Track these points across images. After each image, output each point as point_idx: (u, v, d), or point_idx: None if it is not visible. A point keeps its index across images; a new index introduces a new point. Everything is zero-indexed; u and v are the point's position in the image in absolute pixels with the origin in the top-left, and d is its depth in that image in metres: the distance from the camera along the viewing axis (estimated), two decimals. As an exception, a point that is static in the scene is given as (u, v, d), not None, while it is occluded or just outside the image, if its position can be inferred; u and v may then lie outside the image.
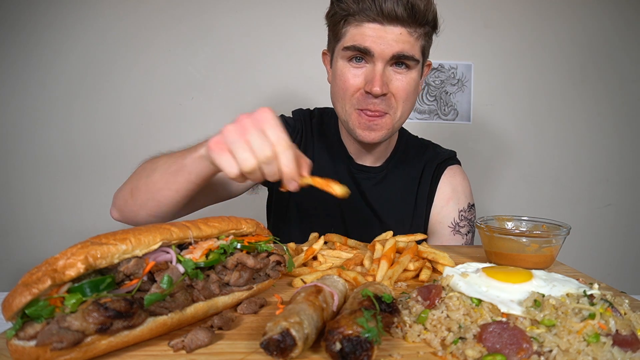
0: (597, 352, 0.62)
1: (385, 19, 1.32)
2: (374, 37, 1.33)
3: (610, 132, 2.98)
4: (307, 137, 1.69)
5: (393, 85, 1.39)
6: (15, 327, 0.60)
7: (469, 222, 1.64)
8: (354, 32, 1.36)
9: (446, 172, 1.66)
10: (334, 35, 1.45)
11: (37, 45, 2.71)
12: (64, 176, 2.80)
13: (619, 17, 2.91)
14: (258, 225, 0.96)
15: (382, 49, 1.34)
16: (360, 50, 1.35)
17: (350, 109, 1.44)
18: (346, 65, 1.41)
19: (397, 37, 1.34)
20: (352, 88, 1.41)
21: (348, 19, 1.37)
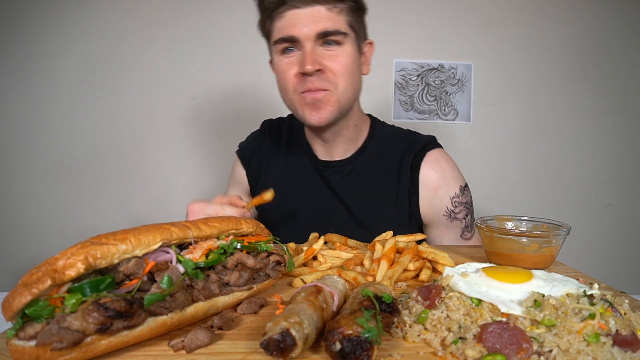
0: (597, 352, 0.62)
1: (301, 2, 1.37)
2: (295, 23, 1.38)
3: (610, 132, 2.98)
4: (274, 146, 1.77)
5: (327, 61, 1.41)
6: (15, 327, 0.60)
7: (465, 205, 1.59)
8: (279, 25, 1.42)
9: (426, 159, 1.58)
10: (266, 37, 1.52)
11: (37, 45, 2.71)
12: (64, 176, 2.80)
13: (619, 16, 2.91)
14: (258, 225, 0.96)
15: (305, 31, 1.38)
16: (286, 39, 1.40)
17: (294, 96, 1.47)
18: (280, 58, 1.46)
19: (317, 16, 1.38)
20: (289, 76, 1.45)
21: (271, 15, 1.44)
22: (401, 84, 2.89)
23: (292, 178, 1.68)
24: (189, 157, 2.87)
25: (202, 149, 2.86)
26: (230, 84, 2.82)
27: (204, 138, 2.85)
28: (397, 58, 2.87)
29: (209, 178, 2.86)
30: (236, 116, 2.83)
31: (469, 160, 2.93)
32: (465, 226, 1.58)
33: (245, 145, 1.84)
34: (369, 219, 1.57)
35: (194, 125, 2.85)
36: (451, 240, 1.58)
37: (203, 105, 2.83)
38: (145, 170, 2.84)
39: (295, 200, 1.65)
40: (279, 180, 1.68)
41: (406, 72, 2.89)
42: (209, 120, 2.85)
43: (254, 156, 1.79)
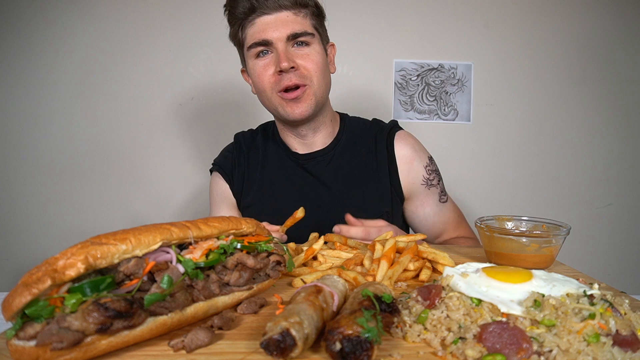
0: (597, 352, 0.62)
1: (272, 10, 1.52)
2: (266, 27, 1.52)
3: (610, 132, 2.98)
4: (252, 155, 1.85)
5: (299, 60, 1.55)
6: (15, 327, 0.60)
7: (435, 172, 1.78)
8: (251, 31, 1.55)
9: (396, 137, 1.76)
10: (238, 45, 1.64)
11: (37, 45, 2.72)
12: (64, 176, 2.80)
13: (620, 16, 2.91)
14: (258, 225, 0.96)
15: (277, 34, 1.51)
16: (260, 43, 1.53)
17: (272, 95, 1.58)
18: (255, 62, 1.58)
19: (286, 20, 1.52)
20: (266, 77, 1.56)
21: (243, 24, 1.57)
22: (401, 84, 2.89)
23: (276, 179, 1.79)
24: (189, 157, 2.87)
25: (202, 148, 2.86)
26: (230, 84, 2.82)
27: (204, 137, 2.85)
28: (397, 58, 2.87)
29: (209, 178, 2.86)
30: (236, 116, 2.83)
31: (469, 160, 2.93)
32: (440, 191, 1.77)
33: (223, 161, 1.87)
34: (354, 198, 1.70)
35: (194, 125, 2.85)
36: (432, 207, 1.74)
37: (203, 105, 2.83)
38: (145, 170, 2.84)
39: (283, 199, 1.75)
40: (264, 185, 1.79)
41: (406, 72, 2.89)
42: (209, 120, 2.85)
43: (235, 169, 1.84)
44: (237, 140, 1.92)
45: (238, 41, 1.63)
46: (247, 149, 1.86)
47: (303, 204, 1.62)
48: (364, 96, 2.81)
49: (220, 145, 2.15)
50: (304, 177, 1.75)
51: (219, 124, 2.85)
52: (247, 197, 1.81)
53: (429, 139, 2.79)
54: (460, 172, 2.90)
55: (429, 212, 1.74)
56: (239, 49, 1.67)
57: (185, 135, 2.85)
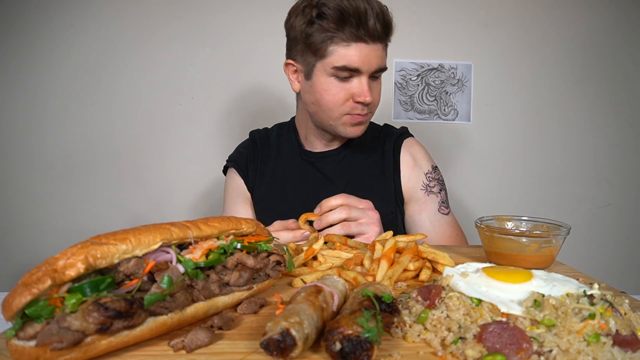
0: (597, 352, 0.62)
1: (369, 37, 1.47)
2: (362, 57, 1.48)
3: (610, 132, 2.98)
4: (266, 152, 1.89)
5: (374, 94, 1.60)
6: (15, 327, 0.60)
7: (438, 181, 1.79)
8: (343, 52, 1.48)
9: (404, 144, 1.82)
10: (313, 51, 1.53)
11: (35, 45, 2.71)
12: (64, 176, 2.80)
13: (620, 16, 2.91)
14: (258, 225, 0.96)
15: (369, 67, 1.51)
16: (351, 69, 1.50)
17: (339, 115, 1.60)
18: (332, 81, 1.54)
19: (377, 53, 1.52)
20: (341, 101, 1.56)
21: (334, 38, 1.47)
22: (401, 84, 2.89)
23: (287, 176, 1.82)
24: (189, 157, 2.87)
25: (202, 148, 2.86)
26: (231, 83, 2.82)
27: (204, 138, 2.85)
28: (397, 58, 2.87)
29: (209, 178, 2.86)
30: (236, 116, 2.83)
31: (469, 160, 2.93)
32: (441, 201, 1.76)
33: (238, 157, 1.90)
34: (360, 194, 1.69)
35: (194, 125, 2.85)
36: (429, 214, 1.74)
37: (203, 105, 2.83)
38: (145, 170, 2.84)
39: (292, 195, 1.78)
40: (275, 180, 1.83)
41: (406, 72, 2.89)
42: (209, 120, 2.85)
43: (250, 165, 1.87)
44: (252, 136, 1.95)
45: (314, 46, 1.51)
46: (261, 145, 1.89)
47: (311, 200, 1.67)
48: (364, 96, 2.80)
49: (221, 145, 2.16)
50: (313, 175, 1.79)
51: (219, 124, 2.85)
52: (258, 192, 1.84)
53: (429, 139, 2.79)
54: (460, 172, 2.90)
55: (425, 219, 1.74)
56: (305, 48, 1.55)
57: (185, 135, 2.85)
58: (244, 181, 1.86)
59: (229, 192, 1.92)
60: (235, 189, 1.88)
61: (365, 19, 1.43)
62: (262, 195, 1.83)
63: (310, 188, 1.76)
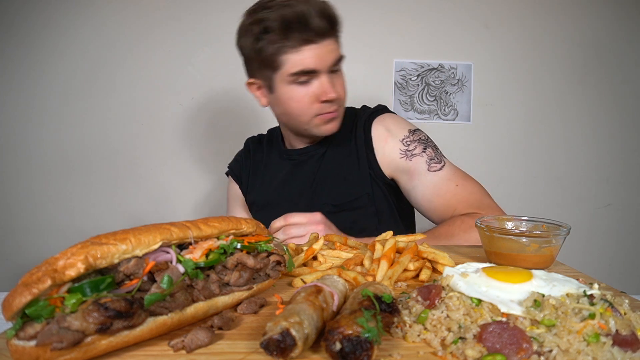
0: (597, 352, 0.62)
1: (316, 37, 1.48)
2: (315, 57, 1.49)
3: (610, 131, 2.98)
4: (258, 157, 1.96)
5: (337, 87, 1.60)
6: (15, 327, 0.60)
7: (419, 142, 1.67)
8: (295, 58, 1.49)
9: (375, 120, 1.75)
10: (267, 65, 1.55)
11: (34, 45, 2.72)
12: (63, 176, 2.80)
13: (620, 16, 2.91)
14: (258, 225, 0.96)
15: (324, 64, 1.52)
16: (309, 72, 1.51)
17: (310, 118, 1.61)
18: (294, 88, 1.55)
19: (329, 48, 1.52)
20: (307, 105, 1.57)
21: (283, 48, 1.49)
22: (401, 84, 2.89)
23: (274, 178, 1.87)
24: (189, 156, 2.87)
25: (202, 148, 2.86)
26: (231, 83, 2.82)
27: (204, 138, 2.85)
28: (397, 58, 2.87)
29: (209, 178, 2.86)
30: (236, 116, 2.83)
31: (469, 160, 2.93)
32: (429, 158, 1.63)
33: (234, 164, 2.04)
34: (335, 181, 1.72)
35: (194, 125, 2.85)
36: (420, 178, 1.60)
37: (203, 105, 2.83)
38: (145, 170, 2.84)
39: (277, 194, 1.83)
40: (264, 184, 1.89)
41: (406, 72, 2.89)
42: (209, 120, 2.85)
43: (243, 171, 1.98)
44: (246, 144, 2.06)
45: (267, 61, 1.53)
46: (253, 152, 1.99)
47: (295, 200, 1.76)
48: (364, 96, 2.80)
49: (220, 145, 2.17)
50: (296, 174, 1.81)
51: (219, 124, 2.85)
52: (250, 196, 1.94)
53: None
54: (460, 172, 2.90)
55: (418, 185, 1.60)
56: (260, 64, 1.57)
57: (185, 135, 2.85)
58: (239, 186, 1.99)
59: (228, 198, 2.08)
60: (232, 194, 2.03)
61: (308, 21, 1.44)
62: (253, 199, 1.93)
63: (294, 187, 1.79)
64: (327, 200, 1.71)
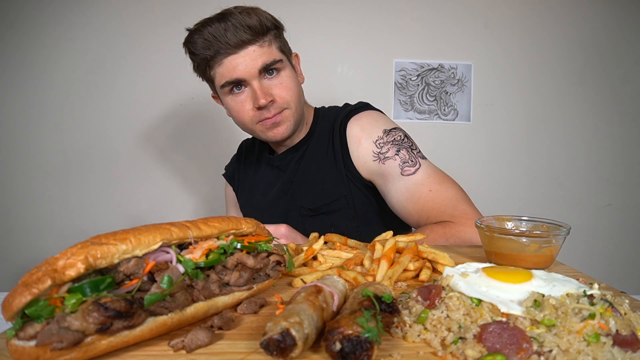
0: (597, 352, 0.62)
1: (235, 48, 1.50)
2: (237, 66, 1.51)
3: (610, 131, 2.98)
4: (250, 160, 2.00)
5: (275, 91, 1.56)
6: (15, 327, 0.60)
7: (392, 143, 1.58)
8: (221, 70, 1.54)
9: (352, 120, 1.68)
10: (207, 80, 1.66)
11: (34, 45, 2.71)
12: (63, 176, 2.80)
13: (619, 16, 2.91)
14: (258, 225, 0.96)
15: (248, 71, 1.51)
16: (232, 82, 1.54)
17: (253, 126, 1.63)
18: (231, 99, 1.60)
19: (253, 55, 1.51)
20: (245, 111, 1.59)
21: (209, 63, 1.55)
22: (401, 84, 2.89)
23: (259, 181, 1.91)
24: (189, 156, 2.87)
25: (202, 148, 2.86)
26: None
27: (203, 138, 2.85)
28: (397, 58, 2.87)
29: (208, 178, 2.86)
30: (236, 116, 2.83)
31: (469, 161, 2.93)
32: (402, 162, 1.54)
33: (229, 167, 2.10)
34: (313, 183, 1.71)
35: (194, 125, 2.85)
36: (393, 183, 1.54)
37: (203, 105, 2.83)
38: (145, 170, 2.84)
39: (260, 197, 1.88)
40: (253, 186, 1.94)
41: (406, 72, 2.89)
42: (209, 120, 2.85)
43: (235, 173, 2.04)
44: (240, 147, 2.11)
45: (206, 77, 1.64)
46: (245, 154, 2.04)
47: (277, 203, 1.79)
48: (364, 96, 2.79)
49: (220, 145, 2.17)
50: (277, 178, 1.83)
51: (219, 124, 2.85)
52: (240, 200, 2.02)
53: (429, 139, 2.79)
54: (460, 172, 2.89)
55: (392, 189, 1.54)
56: (206, 81, 1.69)
57: (185, 135, 2.85)
58: (233, 189, 2.06)
59: (226, 201, 2.16)
60: (227, 196, 2.13)
61: (224, 36, 1.48)
62: (242, 202, 2.00)
63: (275, 192, 1.82)
64: (304, 203, 1.71)
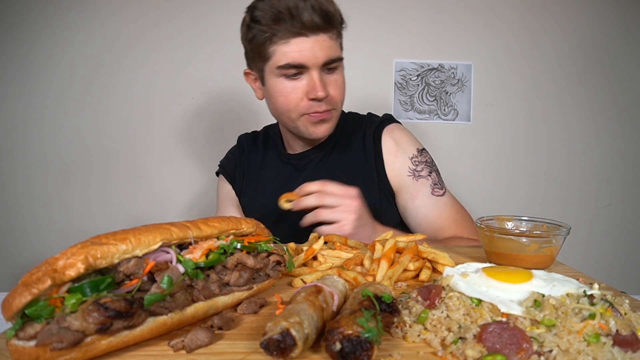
0: (597, 352, 0.62)
1: (308, 30, 1.42)
2: (304, 51, 1.44)
3: (610, 131, 2.98)
4: (253, 156, 1.90)
5: (330, 88, 1.53)
6: (15, 327, 0.60)
7: (426, 164, 1.70)
8: (284, 50, 1.45)
9: (385, 130, 1.74)
10: (258, 55, 1.52)
11: (33, 45, 2.71)
12: (63, 176, 2.80)
13: (620, 16, 2.91)
14: (258, 225, 0.96)
15: (314, 60, 1.45)
16: (296, 66, 1.46)
17: (297, 116, 1.55)
18: (282, 81, 1.51)
19: (322, 45, 1.46)
20: (294, 101, 1.51)
21: (272, 38, 1.45)
22: (401, 84, 2.89)
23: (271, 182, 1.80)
24: (189, 156, 2.87)
25: (202, 148, 2.86)
26: (230, 83, 2.82)
27: (204, 137, 2.85)
28: (397, 58, 2.87)
29: (208, 178, 2.86)
30: (236, 116, 2.83)
31: (469, 161, 2.93)
32: (433, 183, 1.67)
33: (226, 162, 1.94)
34: None
35: (194, 125, 2.85)
36: (422, 199, 1.65)
37: (203, 105, 2.83)
38: (145, 170, 2.84)
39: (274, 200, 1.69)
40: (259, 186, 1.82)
41: (406, 72, 2.89)
42: (209, 120, 2.85)
43: (237, 170, 1.89)
44: (240, 142, 1.96)
45: (260, 50, 1.51)
46: (248, 150, 1.90)
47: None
48: (364, 96, 2.81)
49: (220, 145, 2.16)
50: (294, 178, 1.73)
51: (219, 124, 2.85)
52: (245, 198, 1.86)
53: (429, 139, 2.79)
54: (460, 172, 2.90)
55: (420, 205, 1.65)
56: (253, 54, 1.57)
57: (185, 134, 2.85)
58: (232, 187, 1.90)
59: (219, 198, 1.96)
60: (225, 194, 1.92)
61: (298, 13, 1.40)
62: (248, 201, 1.85)
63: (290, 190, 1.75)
64: None
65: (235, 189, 1.90)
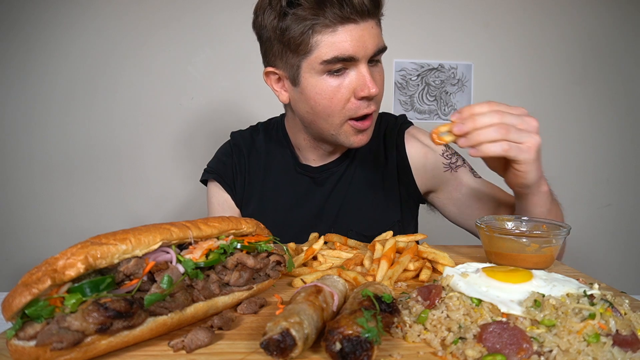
0: (597, 352, 0.62)
1: (358, 16, 1.18)
2: (355, 40, 1.19)
3: (610, 131, 2.98)
4: (253, 158, 1.62)
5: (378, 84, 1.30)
6: (15, 327, 0.60)
7: (456, 155, 1.56)
8: (330, 40, 1.18)
9: (406, 136, 1.56)
10: (291, 48, 1.23)
11: (35, 45, 2.72)
12: (63, 177, 2.80)
13: (620, 16, 2.91)
14: (258, 225, 0.96)
15: (365, 51, 1.21)
16: (345, 59, 1.20)
17: (341, 121, 1.31)
18: (325, 80, 1.24)
19: (372, 32, 1.22)
20: (341, 102, 1.26)
21: (315, 27, 1.17)
22: (401, 84, 2.89)
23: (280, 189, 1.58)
24: (189, 156, 2.87)
25: (202, 148, 2.86)
26: (230, 83, 2.82)
27: (204, 138, 2.85)
28: (397, 58, 2.87)
29: (209, 178, 2.86)
30: (236, 116, 2.83)
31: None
32: (470, 169, 1.55)
33: (222, 168, 1.61)
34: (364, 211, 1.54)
35: (193, 125, 2.85)
36: (470, 184, 1.51)
37: (203, 105, 2.83)
38: (145, 170, 2.84)
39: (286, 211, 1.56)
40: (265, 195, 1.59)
41: (406, 72, 2.89)
42: (209, 120, 2.85)
43: (237, 177, 1.60)
44: (236, 142, 1.65)
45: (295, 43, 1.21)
46: (247, 152, 1.62)
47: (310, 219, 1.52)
48: (364, 96, 2.81)
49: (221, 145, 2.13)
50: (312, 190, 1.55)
51: (219, 124, 2.85)
52: (248, 208, 1.60)
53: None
54: (460, 172, 2.90)
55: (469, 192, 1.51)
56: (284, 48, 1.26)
57: (185, 135, 2.85)
58: (231, 196, 1.61)
59: (214, 207, 1.63)
60: (221, 204, 1.62)
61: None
62: (252, 212, 1.58)
63: (311, 208, 1.54)
64: (355, 227, 1.51)
65: (235, 199, 1.60)
